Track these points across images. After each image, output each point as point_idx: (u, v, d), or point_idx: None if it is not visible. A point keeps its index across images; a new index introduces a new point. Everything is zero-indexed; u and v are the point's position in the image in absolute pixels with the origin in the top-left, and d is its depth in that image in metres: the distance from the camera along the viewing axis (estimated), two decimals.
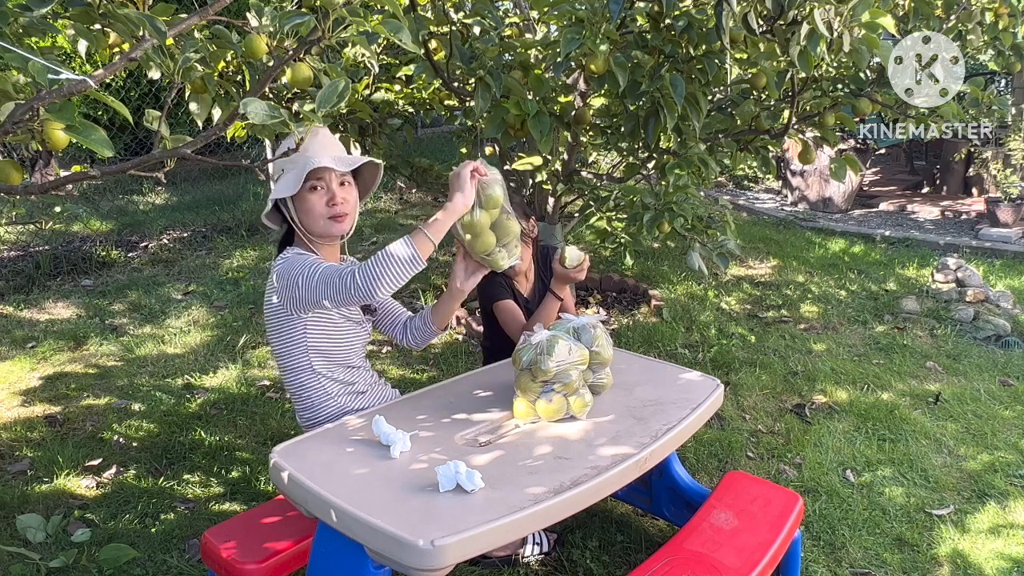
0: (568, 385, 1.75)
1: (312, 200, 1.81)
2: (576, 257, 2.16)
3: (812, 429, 3.04)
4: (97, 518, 2.44)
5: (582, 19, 2.37)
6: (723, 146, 3.29)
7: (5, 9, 1.34)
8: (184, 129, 6.11)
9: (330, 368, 1.91)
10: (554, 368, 1.72)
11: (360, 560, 1.44)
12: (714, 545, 1.78)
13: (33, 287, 4.60)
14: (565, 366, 1.74)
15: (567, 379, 1.75)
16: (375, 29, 1.57)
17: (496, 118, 2.58)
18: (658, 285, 4.66)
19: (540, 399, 1.75)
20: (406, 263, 1.62)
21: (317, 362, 1.88)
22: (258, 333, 3.94)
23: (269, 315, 1.87)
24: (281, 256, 1.83)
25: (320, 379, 1.90)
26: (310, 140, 1.79)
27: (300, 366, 1.88)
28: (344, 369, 1.94)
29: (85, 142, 1.23)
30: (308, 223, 1.84)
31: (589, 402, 1.80)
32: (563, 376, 1.74)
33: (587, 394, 1.81)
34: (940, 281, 4.61)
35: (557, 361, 1.73)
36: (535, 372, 1.74)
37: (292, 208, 1.83)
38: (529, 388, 1.76)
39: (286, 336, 1.85)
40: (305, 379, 1.89)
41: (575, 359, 1.76)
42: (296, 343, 1.86)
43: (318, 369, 1.89)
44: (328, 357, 1.90)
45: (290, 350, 1.87)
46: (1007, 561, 2.28)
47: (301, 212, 1.83)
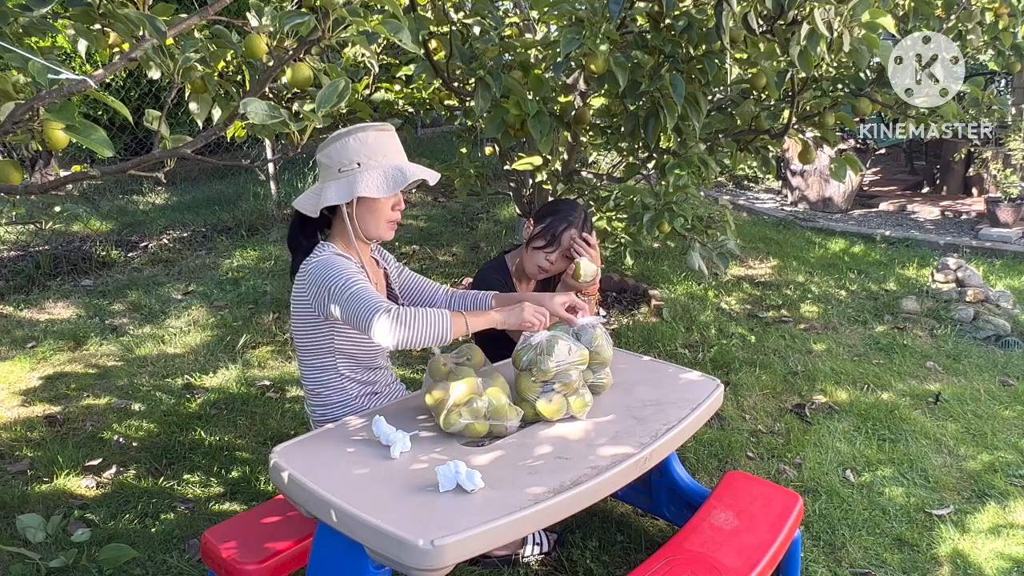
0: (568, 385, 1.75)
1: (383, 203, 1.81)
2: (591, 272, 2.16)
3: (812, 429, 3.04)
4: (97, 518, 2.44)
5: (582, 19, 2.37)
6: (723, 146, 3.29)
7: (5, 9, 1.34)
8: (184, 129, 6.12)
9: (354, 370, 1.91)
10: (554, 368, 1.72)
11: (360, 560, 1.44)
12: (714, 545, 1.78)
13: (33, 287, 4.60)
14: (565, 366, 1.74)
15: (567, 379, 1.75)
16: (375, 29, 1.57)
17: (496, 118, 2.58)
18: (658, 285, 4.66)
19: (540, 399, 1.75)
20: (434, 336, 1.65)
21: (342, 363, 1.89)
22: (258, 333, 3.94)
23: (297, 312, 1.85)
24: (317, 254, 1.80)
25: (342, 380, 1.90)
26: (388, 141, 1.78)
27: (324, 365, 1.88)
28: (367, 370, 1.95)
29: (85, 142, 1.23)
30: (368, 225, 1.83)
31: (589, 402, 1.80)
32: (563, 376, 1.74)
33: (587, 394, 1.81)
34: (940, 281, 4.61)
35: (557, 361, 1.72)
36: (535, 372, 1.74)
37: (353, 205, 1.80)
38: (529, 388, 1.76)
39: (314, 335, 1.85)
40: (327, 378, 1.90)
41: (575, 359, 1.76)
42: (323, 343, 1.85)
43: (342, 370, 1.89)
44: (354, 359, 1.90)
45: (317, 349, 1.86)
46: (1007, 561, 2.28)
47: (366, 212, 1.81)
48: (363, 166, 1.75)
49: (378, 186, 1.75)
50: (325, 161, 1.79)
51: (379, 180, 1.75)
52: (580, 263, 2.16)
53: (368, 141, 1.76)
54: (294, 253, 1.93)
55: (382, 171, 1.76)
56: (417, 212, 6.34)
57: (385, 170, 1.76)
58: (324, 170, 1.81)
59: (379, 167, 1.76)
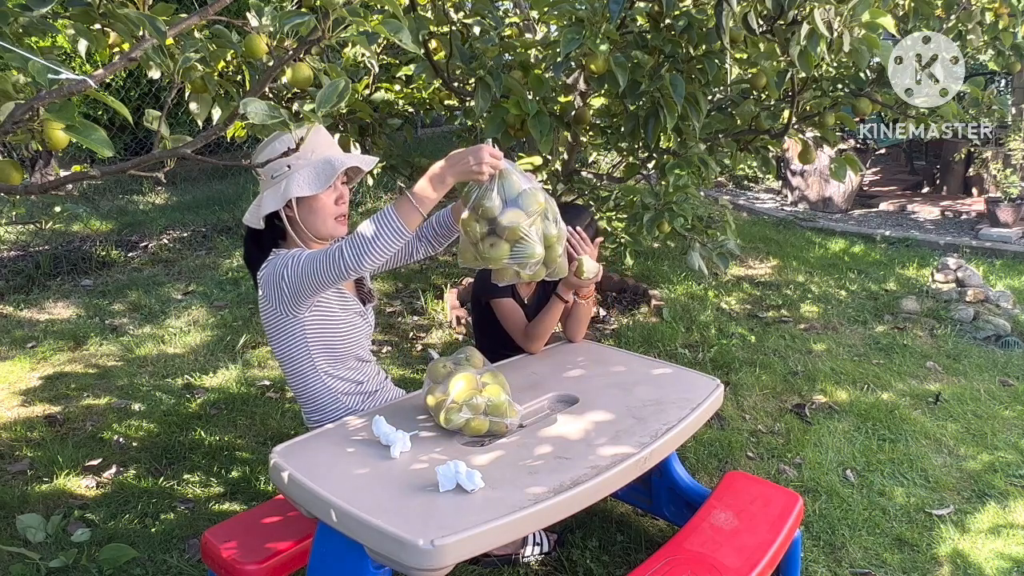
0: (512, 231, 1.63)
1: (323, 199, 1.78)
2: (593, 269, 2.16)
3: (812, 429, 3.04)
4: (97, 518, 2.44)
5: (582, 19, 2.37)
6: (723, 146, 3.29)
7: (5, 9, 1.34)
8: (184, 129, 6.11)
9: (336, 367, 1.88)
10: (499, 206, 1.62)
11: (360, 560, 1.44)
12: (714, 545, 1.78)
13: (33, 287, 4.60)
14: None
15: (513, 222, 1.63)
16: (375, 29, 1.57)
17: (496, 118, 2.58)
18: (658, 285, 4.66)
19: (486, 242, 1.66)
20: (390, 229, 1.59)
21: (321, 362, 1.84)
22: (258, 333, 3.94)
23: (266, 319, 1.83)
24: (268, 262, 1.79)
25: (327, 379, 1.86)
26: (314, 137, 1.75)
27: (303, 369, 1.84)
28: (351, 363, 1.91)
29: (85, 142, 1.23)
30: (315, 224, 1.80)
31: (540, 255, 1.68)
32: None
33: (538, 247, 1.67)
34: (940, 281, 4.61)
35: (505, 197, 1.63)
36: (480, 211, 1.64)
37: (294, 208, 1.78)
38: (473, 228, 1.65)
39: (287, 338, 1.81)
40: (311, 381, 1.86)
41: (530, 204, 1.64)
42: (297, 344, 1.81)
43: (323, 369, 1.85)
44: (332, 354, 1.86)
45: (292, 352, 1.82)
46: (1007, 561, 2.28)
47: (308, 212, 1.79)
48: (293, 167, 1.73)
49: (309, 183, 1.72)
50: (260, 171, 1.77)
51: (310, 177, 1.73)
52: (583, 260, 2.16)
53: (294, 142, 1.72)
54: (252, 270, 1.88)
55: (312, 167, 1.73)
56: None
57: (315, 166, 1.74)
58: (261, 181, 1.80)
59: (308, 164, 1.74)
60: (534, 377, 2.02)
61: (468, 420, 1.65)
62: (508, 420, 1.69)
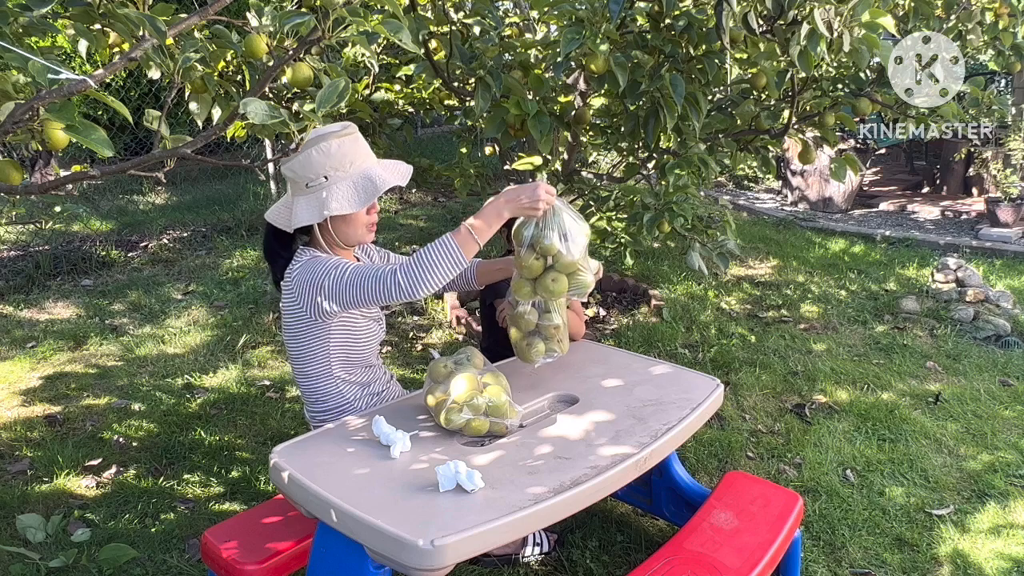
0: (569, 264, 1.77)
1: (358, 213, 1.76)
2: (592, 268, 2.16)
3: (812, 429, 3.04)
4: (97, 518, 2.44)
5: (582, 19, 2.37)
6: (723, 146, 3.29)
7: (5, 9, 1.34)
8: (184, 129, 6.11)
9: (349, 371, 1.89)
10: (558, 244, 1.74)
11: (360, 560, 1.44)
12: (714, 545, 1.78)
13: (33, 287, 4.60)
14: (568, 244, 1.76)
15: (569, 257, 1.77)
16: (375, 29, 1.57)
17: (496, 118, 2.58)
18: (658, 285, 4.66)
19: (546, 278, 1.77)
20: (450, 260, 1.61)
21: (337, 366, 1.86)
22: (258, 333, 3.94)
23: (289, 317, 1.82)
24: (299, 258, 1.79)
25: (339, 383, 1.88)
26: (352, 147, 1.72)
27: (319, 371, 1.85)
28: (362, 369, 1.93)
29: (85, 142, 1.23)
30: (346, 231, 1.80)
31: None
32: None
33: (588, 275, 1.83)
34: (940, 281, 4.61)
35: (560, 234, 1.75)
36: (538, 249, 1.74)
37: (327, 220, 1.76)
38: (531, 268, 1.76)
39: (308, 340, 1.81)
40: (323, 382, 1.87)
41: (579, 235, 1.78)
42: (319, 348, 1.82)
43: (338, 373, 1.87)
44: (349, 359, 1.88)
45: (310, 353, 1.83)
46: (1007, 561, 2.28)
47: (341, 223, 1.78)
48: (331, 179, 1.70)
49: (349, 201, 1.70)
50: (291, 175, 1.74)
51: (349, 194, 1.70)
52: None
53: (332, 152, 1.69)
54: (272, 264, 1.89)
55: (351, 183, 1.71)
56: (417, 212, 6.34)
57: (355, 181, 1.71)
58: (291, 184, 1.78)
59: (347, 178, 1.71)
60: (534, 377, 2.02)
61: (469, 420, 1.65)
62: (508, 420, 1.69)
